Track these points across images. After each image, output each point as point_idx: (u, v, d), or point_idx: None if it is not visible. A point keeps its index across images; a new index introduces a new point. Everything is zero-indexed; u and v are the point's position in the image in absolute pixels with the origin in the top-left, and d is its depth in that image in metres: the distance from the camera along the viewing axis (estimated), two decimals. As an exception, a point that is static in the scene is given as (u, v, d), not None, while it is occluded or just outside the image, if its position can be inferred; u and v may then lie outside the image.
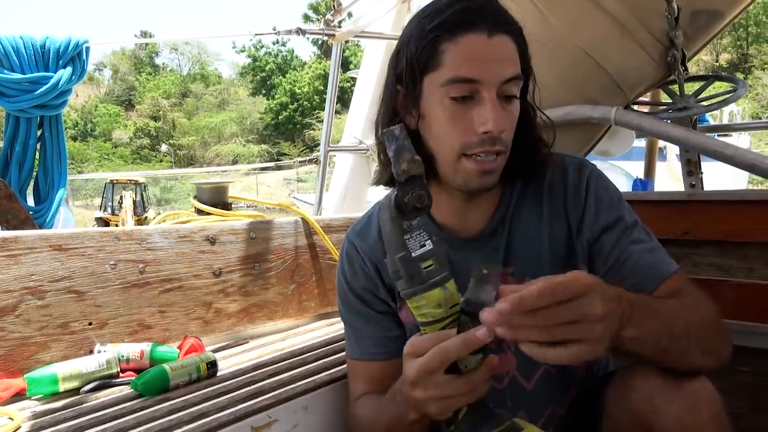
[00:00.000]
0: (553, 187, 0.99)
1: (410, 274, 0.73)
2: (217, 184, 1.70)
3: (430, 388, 0.73)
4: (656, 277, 0.91)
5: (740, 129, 2.78)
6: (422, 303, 0.73)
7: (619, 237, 0.94)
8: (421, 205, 0.72)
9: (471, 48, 0.87)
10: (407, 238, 0.73)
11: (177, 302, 1.49)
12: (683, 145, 1.73)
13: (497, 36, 0.87)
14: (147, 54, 51.23)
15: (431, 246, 0.74)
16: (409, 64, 0.91)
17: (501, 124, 0.87)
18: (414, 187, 0.72)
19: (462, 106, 0.89)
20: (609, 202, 0.97)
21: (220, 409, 1.09)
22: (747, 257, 1.43)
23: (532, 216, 1.00)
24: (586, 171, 0.99)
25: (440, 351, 0.71)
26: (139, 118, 43.98)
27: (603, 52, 1.72)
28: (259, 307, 1.63)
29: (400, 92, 0.95)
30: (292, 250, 1.71)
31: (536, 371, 1.00)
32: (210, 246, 1.55)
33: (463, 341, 0.70)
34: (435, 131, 0.92)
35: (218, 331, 1.55)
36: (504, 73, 0.87)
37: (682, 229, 1.49)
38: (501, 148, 0.90)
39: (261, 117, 43.65)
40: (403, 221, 0.74)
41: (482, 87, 0.87)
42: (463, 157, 0.90)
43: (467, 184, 0.93)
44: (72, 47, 1.73)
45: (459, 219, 1.01)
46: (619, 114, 1.70)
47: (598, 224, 0.96)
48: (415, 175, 0.73)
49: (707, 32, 1.70)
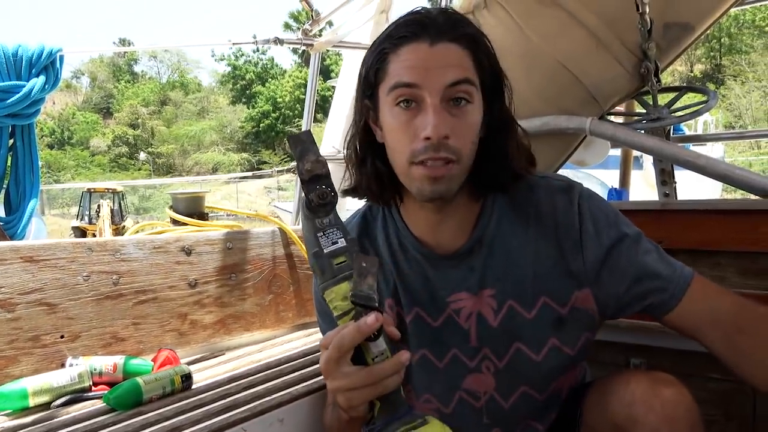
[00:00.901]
0: (540, 210, 0.97)
1: (322, 269, 0.78)
2: (193, 194, 1.68)
3: (337, 378, 0.77)
4: (682, 283, 0.93)
5: (713, 139, 2.84)
6: (333, 297, 0.78)
7: (629, 252, 0.94)
8: (324, 201, 0.78)
9: (412, 56, 0.89)
10: (320, 235, 0.79)
11: (151, 314, 1.47)
12: (656, 155, 1.76)
13: (441, 44, 0.89)
14: (126, 61, 50.73)
15: (344, 244, 0.79)
16: (366, 78, 0.95)
17: (441, 130, 0.86)
18: (317, 185, 0.78)
19: (408, 113, 0.89)
20: (606, 220, 0.96)
21: (194, 423, 1.08)
22: (719, 265, 1.45)
23: (517, 238, 0.97)
24: (575, 193, 0.97)
25: (337, 339, 0.75)
26: (118, 126, 43.47)
27: (579, 65, 1.74)
28: (236, 318, 1.62)
29: (368, 107, 0.96)
30: (270, 260, 1.70)
31: (515, 392, 0.99)
32: (186, 257, 1.53)
33: (356, 328, 0.74)
34: (389, 141, 0.94)
35: (194, 343, 1.54)
36: (446, 78, 0.87)
37: (656, 238, 1.48)
38: (448, 155, 0.87)
39: (241, 125, 43.44)
40: (315, 219, 0.79)
41: (424, 92, 0.87)
42: (413, 165, 0.89)
43: (422, 192, 0.91)
44: (45, 56, 1.71)
45: (434, 234, 0.99)
46: (593, 125, 1.72)
47: (603, 244, 0.94)
48: (319, 174, 0.79)
49: (679, 44, 1.73)
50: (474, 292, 0.97)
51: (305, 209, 0.79)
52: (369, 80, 0.94)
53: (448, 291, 0.98)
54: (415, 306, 1.00)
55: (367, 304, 0.74)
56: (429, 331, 1.00)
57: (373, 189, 0.99)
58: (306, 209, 0.79)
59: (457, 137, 0.88)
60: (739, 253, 1.42)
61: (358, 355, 0.77)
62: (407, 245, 1.01)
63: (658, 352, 1.51)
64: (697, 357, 1.47)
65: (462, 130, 0.89)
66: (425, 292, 1.00)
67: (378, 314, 0.74)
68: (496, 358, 0.98)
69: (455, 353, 0.99)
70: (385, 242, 1.04)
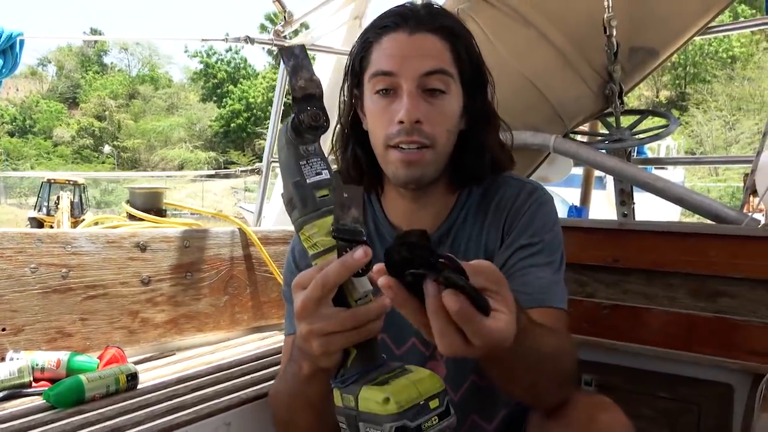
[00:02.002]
0: (500, 203, 1.01)
1: (303, 201, 0.69)
2: (152, 189, 1.65)
3: (316, 320, 0.67)
4: (538, 300, 0.90)
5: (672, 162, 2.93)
6: (314, 231, 0.69)
7: (527, 256, 0.95)
8: (316, 124, 0.69)
9: (391, 45, 0.94)
10: (303, 164, 0.70)
11: (101, 310, 1.43)
12: (616, 175, 1.79)
13: (419, 34, 0.93)
14: (95, 52, 49.65)
15: (327, 176, 0.70)
16: (352, 66, 1.00)
17: (413, 114, 0.90)
18: (310, 105, 0.69)
19: (386, 99, 0.94)
20: (540, 227, 0.97)
21: (137, 424, 1.05)
22: (671, 286, 1.48)
23: (475, 228, 1.01)
24: (536, 195, 1.01)
25: (320, 276, 0.66)
26: (84, 117, 42.50)
27: (546, 82, 1.77)
28: (189, 318, 1.58)
29: (357, 96, 1.01)
30: (227, 260, 1.67)
31: (464, 382, 1.00)
32: (140, 253, 1.49)
33: (341, 264, 0.65)
34: (370, 126, 0.99)
35: (144, 341, 1.50)
36: (421, 67, 0.91)
37: (613, 257, 1.53)
38: (421, 139, 0.91)
39: (211, 124, 42.91)
40: (299, 146, 0.70)
41: (401, 80, 0.92)
42: (389, 149, 0.94)
43: (396, 176, 0.95)
44: (4, 39, 1.66)
45: (409, 221, 1.02)
46: (557, 142, 1.74)
47: (518, 242, 0.97)
48: (312, 94, 0.70)
49: (644, 69, 1.77)
50: None
51: (290, 132, 0.70)
52: (355, 69, 0.99)
53: None
54: None
55: (354, 238, 0.65)
56: (391, 315, 0.99)
57: (353, 174, 1.03)
58: (291, 132, 0.70)
59: (430, 123, 0.92)
60: (690, 275, 1.46)
61: (339, 296, 0.68)
62: (383, 231, 1.04)
63: (610, 370, 1.53)
64: (647, 376, 1.50)
65: (436, 117, 0.93)
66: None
67: (367, 248, 0.65)
68: None
69: (414, 342, 1.01)
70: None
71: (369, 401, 0.64)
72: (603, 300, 1.54)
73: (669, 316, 1.45)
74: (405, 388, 0.63)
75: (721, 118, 28.92)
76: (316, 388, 0.78)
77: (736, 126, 28.09)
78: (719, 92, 30.34)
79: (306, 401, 0.82)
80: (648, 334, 1.47)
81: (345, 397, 0.67)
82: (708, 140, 27.98)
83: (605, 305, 1.52)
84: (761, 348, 1.34)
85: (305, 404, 0.82)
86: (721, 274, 1.41)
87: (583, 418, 0.83)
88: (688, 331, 1.42)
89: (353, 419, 0.65)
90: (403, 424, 0.61)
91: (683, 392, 1.46)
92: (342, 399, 0.67)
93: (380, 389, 0.63)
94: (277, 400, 0.91)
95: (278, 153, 0.73)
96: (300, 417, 0.85)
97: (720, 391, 1.42)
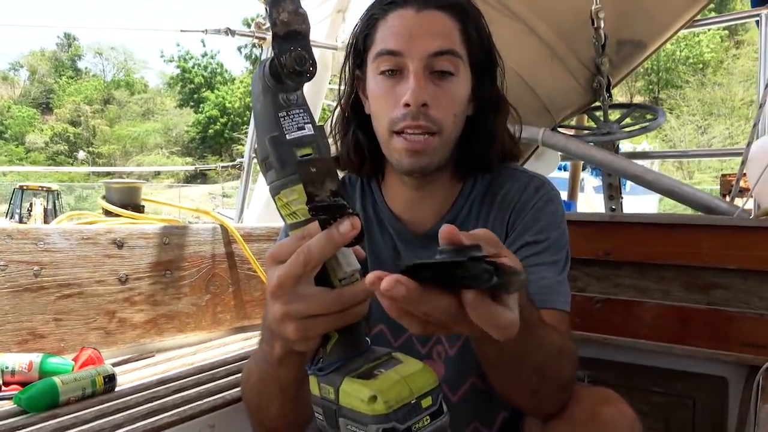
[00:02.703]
0: (506, 198, 0.95)
1: (281, 161, 0.57)
2: (129, 183, 1.58)
3: (294, 300, 0.57)
4: (541, 300, 0.85)
5: (658, 156, 2.95)
6: (293, 198, 0.58)
7: (533, 254, 0.91)
8: (301, 69, 0.56)
9: (397, 22, 0.87)
10: (282, 116, 0.58)
11: (76, 310, 1.36)
12: (607, 168, 1.77)
13: (427, 11, 0.88)
14: (69, 56, 48.90)
15: (311, 131, 0.59)
16: (355, 45, 0.94)
17: (420, 96, 0.84)
18: (294, 45, 0.56)
19: (391, 80, 0.88)
20: (546, 224, 0.92)
21: (116, 427, 0.99)
22: (663, 279, 1.47)
23: (479, 224, 0.95)
24: (543, 191, 0.95)
25: (303, 251, 0.56)
26: (58, 122, 41.75)
27: (534, 75, 1.75)
28: (169, 318, 1.52)
29: (359, 77, 0.95)
30: (209, 258, 1.61)
31: (464, 384, 0.96)
32: (117, 250, 1.43)
33: (326, 238, 0.55)
34: (373, 110, 0.93)
35: (121, 342, 1.43)
36: (429, 47, 0.86)
37: (604, 250, 1.51)
38: (427, 124, 0.86)
39: (188, 130, 42.48)
40: (279, 94, 0.58)
41: (408, 60, 0.86)
42: (393, 135, 0.88)
43: (401, 165, 0.89)
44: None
45: (411, 211, 0.97)
46: (546, 135, 1.72)
47: (523, 238, 0.92)
48: (298, 31, 0.57)
49: (631, 61, 1.76)
50: None
51: (268, 77, 0.58)
52: (358, 48, 0.93)
53: None
54: None
55: (336, 214, 0.55)
56: None
57: (353, 160, 0.98)
58: (270, 77, 0.58)
59: (438, 107, 0.86)
60: (683, 267, 1.44)
61: (321, 273, 0.59)
62: (383, 218, 0.99)
63: (602, 365, 1.51)
64: (640, 370, 1.48)
65: (444, 100, 0.87)
66: (393, 267, 0.96)
67: (355, 220, 0.55)
68: (448, 345, 0.95)
69: (410, 336, 0.96)
70: (361, 209, 1.01)
71: (352, 397, 0.56)
72: (595, 294, 1.52)
73: (662, 309, 1.43)
74: (395, 384, 0.55)
75: (694, 123, 29.48)
76: (288, 372, 0.70)
77: (708, 130, 28.65)
78: (691, 97, 30.93)
79: (277, 386, 0.73)
80: (641, 328, 1.44)
81: (323, 387, 0.59)
82: (681, 144, 28.45)
83: (597, 299, 1.50)
84: (755, 340, 1.32)
85: (276, 389, 0.74)
86: (713, 266, 1.40)
87: (587, 412, 0.79)
88: (682, 324, 1.40)
89: (332, 413, 0.58)
90: (392, 426, 0.53)
91: (677, 386, 1.44)
92: (319, 388, 0.59)
93: (366, 384, 0.55)
94: (248, 383, 0.81)
95: (252, 102, 0.61)
96: (271, 402, 0.77)
97: (714, 384, 1.40)
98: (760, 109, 1.55)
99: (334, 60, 2.17)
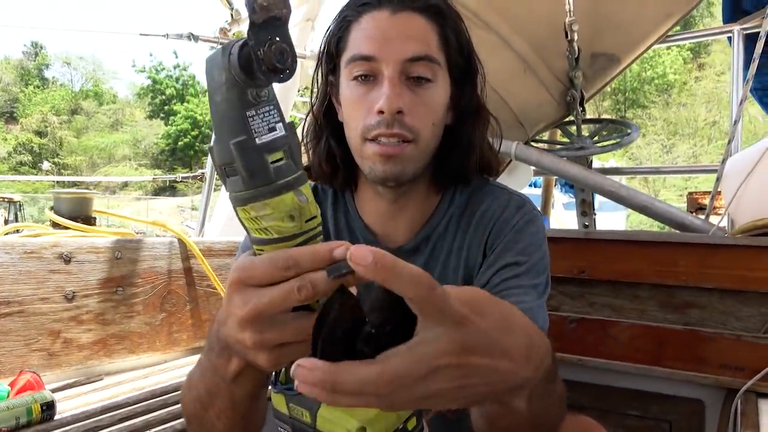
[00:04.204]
0: (485, 215, 0.90)
1: (251, 170, 0.48)
2: (79, 194, 1.48)
3: (267, 329, 0.50)
4: None
5: (630, 172, 2.95)
6: (265, 213, 0.49)
7: (511, 276, 0.85)
8: (282, 66, 0.46)
9: (371, 25, 0.83)
10: (251, 115, 0.48)
11: (15, 330, 1.25)
12: (580, 183, 1.74)
13: (403, 13, 0.82)
14: (36, 65, 47.88)
15: (284, 132, 0.49)
16: (327, 49, 0.88)
17: (395, 103, 0.79)
18: (273, 35, 0.45)
19: (364, 86, 0.83)
20: (526, 245, 0.87)
21: (49, 462, 0.89)
22: (639, 298, 1.43)
23: (456, 242, 0.91)
24: (524, 209, 0.90)
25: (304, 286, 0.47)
26: (22, 132, 40.74)
27: (507, 88, 1.71)
28: (120, 339, 1.42)
29: (332, 83, 0.90)
30: (164, 274, 1.51)
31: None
32: (63, 265, 1.33)
33: (312, 252, 0.47)
34: (345, 117, 0.87)
35: (66, 365, 1.33)
36: (405, 51, 0.80)
37: (579, 268, 1.46)
38: (403, 132, 0.80)
39: (157, 142, 41.87)
40: (248, 89, 0.48)
41: (382, 65, 0.81)
42: (366, 142, 0.83)
43: (374, 172, 0.83)
44: None
45: (385, 224, 0.92)
46: (519, 149, 1.68)
47: (502, 260, 0.86)
48: (278, 17, 0.46)
49: (604, 75, 1.74)
50: None
51: (236, 70, 0.47)
52: (330, 52, 0.88)
53: None
54: None
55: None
56: None
57: (324, 170, 0.92)
58: (239, 70, 0.47)
59: (413, 115, 0.81)
60: (659, 285, 1.40)
61: None
62: (355, 230, 0.94)
63: (577, 387, 1.46)
64: (616, 393, 1.43)
65: (420, 108, 0.82)
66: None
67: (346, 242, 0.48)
68: None
69: None
70: (332, 219, 0.96)
71: (335, 425, 0.50)
72: (569, 313, 1.47)
73: (638, 330, 1.39)
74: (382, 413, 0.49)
75: (659, 142, 30.20)
76: (243, 388, 0.60)
77: (672, 149, 29.37)
78: (657, 117, 31.71)
79: (228, 401, 0.63)
80: (616, 348, 1.40)
81: (294, 407, 0.53)
82: (647, 163, 29.07)
83: (572, 318, 1.45)
84: (733, 362, 1.29)
85: (227, 404, 0.63)
86: (690, 284, 1.36)
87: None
88: (658, 344, 1.36)
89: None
90: None
91: (653, 409, 1.40)
92: (289, 408, 0.53)
93: (351, 414, 0.50)
94: (189, 395, 0.69)
95: (210, 93, 0.50)
96: (218, 418, 0.66)
97: (691, 407, 1.36)
98: (734, 126, 1.53)
99: (302, 69, 2.11)
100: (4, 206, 13.62)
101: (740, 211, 1.42)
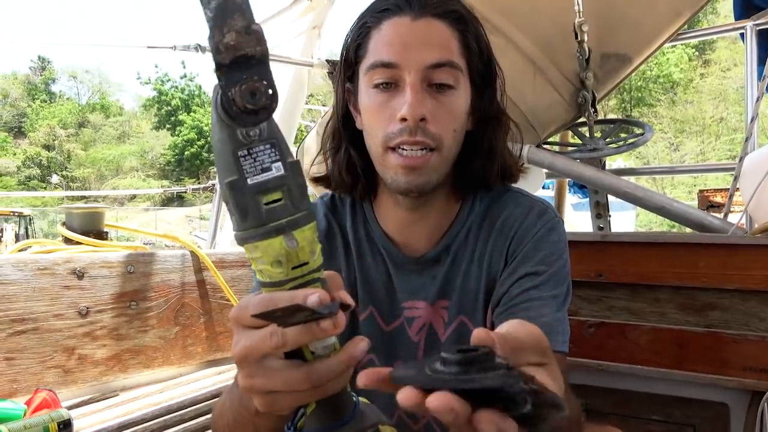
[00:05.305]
0: (507, 223, 0.89)
1: (242, 210, 0.46)
2: (91, 209, 1.48)
3: (256, 374, 0.50)
4: None
5: (646, 173, 2.91)
6: (257, 256, 0.48)
7: (531, 287, 0.83)
8: (254, 106, 0.45)
9: (392, 32, 0.81)
10: (243, 155, 0.47)
11: (30, 347, 1.25)
12: (595, 185, 1.72)
13: (423, 19, 0.81)
14: (43, 80, 48.33)
15: (282, 171, 0.47)
16: (346, 55, 0.88)
17: (418, 110, 0.78)
18: (245, 75, 0.44)
19: (385, 94, 0.81)
20: (548, 254, 0.85)
21: (67, 483, 0.88)
22: (658, 301, 1.40)
23: (477, 251, 0.90)
24: (546, 217, 0.89)
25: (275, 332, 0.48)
26: (31, 146, 41.10)
27: (516, 90, 1.69)
28: (134, 354, 1.41)
29: (350, 91, 0.90)
30: (178, 287, 1.50)
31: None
32: (77, 281, 1.32)
33: (306, 330, 0.47)
34: (366, 125, 0.87)
35: (81, 382, 1.32)
36: (427, 58, 0.80)
37: (596, 271, 1.44)
38: (426, 140, 0.79)
39: (164, 152, 42.10)
40: (238, 129, 0.47)
41: (403, 72, 0.80)
42: (388, 151, 0.82)
43: (396, 183, 0.82)
44: None
45: (405, 233, 0.91)
46: (531, 152, 1.66)
47: (523, 269, 0.84)
48: (250, 55, 0.44)
49: (616, 76, 1.71)
50: (431, 302, 0.90)
51: (220, 110, 0.46)
52: (349, 59, 0.87)
53: (406, 296, 0.91)
54: (371, 305, 0.92)
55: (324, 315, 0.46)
56: (380, 334, 0.91)
57: (345, 179, 0.91)
58: (222, 111, 0.46)
59: (436, 122, 0.80)
60: (679, 287, 1.38)
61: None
62: (375, 239, 0.93)
63: (597, 393, 1.43)
64: (637, 398, 1.40)
65: (443, 114, 0.81)
66: (384, 292, 0.92)
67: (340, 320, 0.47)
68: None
69: (399, 415, 0.89)
70: (351, 228, 0.95)
71: None
72: (587, 318, 1.45)
73: (658, 333, 1.36)
74: None
75: (666, 140, 30.05)
76: (267, 423, 0.61)
77: (680, 147, 29.21)
78: (663, 115, 31.57)
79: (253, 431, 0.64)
80: (636, 352, 1.38)
81: None
82: (654, 161, 28.94)
83: (590, 323, 1.43)
84: (757, 364, 1.26)
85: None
86: (711, 286, 1.34)
87: None
88: (679, 347, 1.34)
89: None
90: None
91: (676, 414, 1.37)
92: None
93: None
94: (220, 422, 0.72)
95: (211, 133, 0.50)
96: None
97: (715, 410, 1.33)
98: (751, 123, 1.51)
99: (310, 77, 2.11)
100: (14, 220, 13.70)
101: (759, 210, 1.39)
